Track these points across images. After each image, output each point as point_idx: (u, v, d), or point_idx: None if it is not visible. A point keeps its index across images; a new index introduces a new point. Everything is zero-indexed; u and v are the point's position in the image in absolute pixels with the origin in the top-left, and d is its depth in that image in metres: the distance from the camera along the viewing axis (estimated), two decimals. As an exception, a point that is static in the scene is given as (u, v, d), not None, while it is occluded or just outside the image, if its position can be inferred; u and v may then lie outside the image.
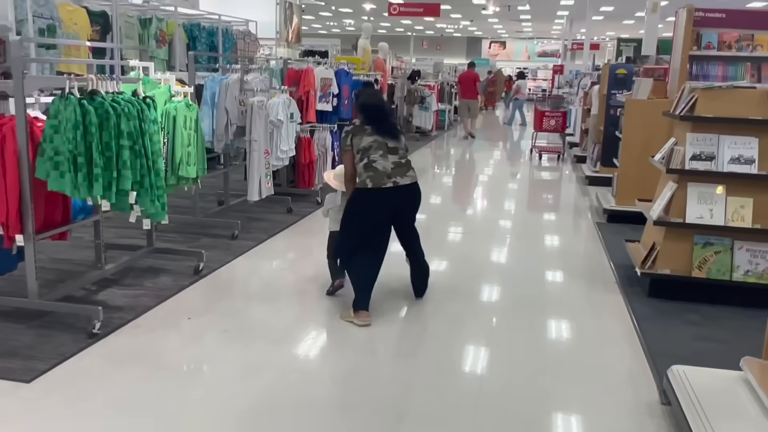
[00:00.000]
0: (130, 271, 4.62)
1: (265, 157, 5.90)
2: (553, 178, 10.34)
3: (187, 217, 5.95)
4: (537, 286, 4.79)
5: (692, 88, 4.44)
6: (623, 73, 8.03)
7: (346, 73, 8.24)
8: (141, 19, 7.58)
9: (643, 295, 4.42)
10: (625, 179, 6.48)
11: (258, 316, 4.05)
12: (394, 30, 40.14)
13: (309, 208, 6.90)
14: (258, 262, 5.15)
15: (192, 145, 4.60)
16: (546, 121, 11.69)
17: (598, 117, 8.96)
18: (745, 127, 4.19)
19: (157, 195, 3.89)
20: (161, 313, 3.97)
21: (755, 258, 4.16)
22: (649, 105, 6.36)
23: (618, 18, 28.07)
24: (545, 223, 7.04)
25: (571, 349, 3.72)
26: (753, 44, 6.08)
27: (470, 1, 24.41)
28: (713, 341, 3.72)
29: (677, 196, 4.27)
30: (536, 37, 42.07)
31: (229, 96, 5.77)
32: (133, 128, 3.63)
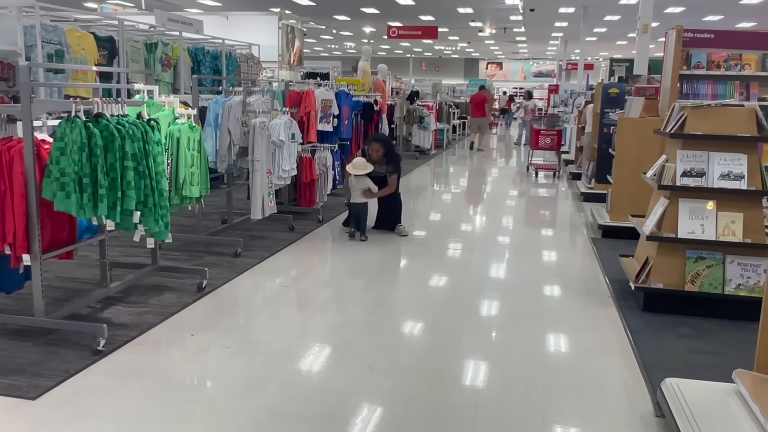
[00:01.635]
0: (134, 289, 4.70)
1: (267, 176, 6.01)
2: (550, 195, 10.45)
3: (190, 236, 6.05)
4: (534, 301, 4.88)
5: (682, 106, 4.56)
6: (616, 92, 8.18)
7: (347, 95, 8.39)
8: (147, 44, 7.74)
9: (637, 308, 4.50)
10: (619, 195, 6.60)
11: (260, 333, 4.13)
12: (394, 52, 40.57)
13: (311, 225, 7.01)
14: (260, 280, 5.24)
15: (195, 166, 4.71)
16: (542, 139, 11.84)
17: (592, 135, 9.10)
18: (733, 144, 4.30)
19: (161, 214, 3.99)
20: (165, 330, 4.06)
21: (746, 272, 4.25)
22: (641, 123, 6.49)
23: (611, 39, 28.46)
24: (542, 239, 7.14)
25: (568, 362, 3.79)
26: (741, 63, 6.22)
27: (467, 24, 24.78)
28: (706, 354, 3.80)
29: (669, 211, 4.37)
30: (532, 58, 42.53)
31: (232, 117, 5.90)
32: (137, 150, 3.74)
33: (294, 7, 20.59)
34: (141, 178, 3.78)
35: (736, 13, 20.05)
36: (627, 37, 26.74)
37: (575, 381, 3.51)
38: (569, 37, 27.43)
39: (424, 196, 10.21)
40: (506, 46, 35.04)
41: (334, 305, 4.76)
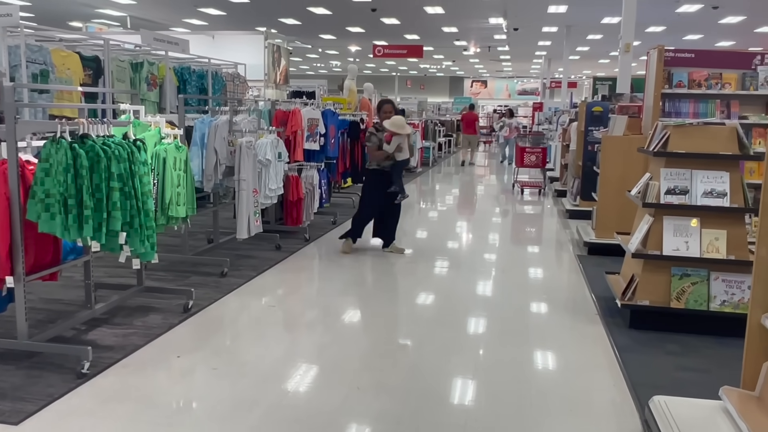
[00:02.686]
0: (120, 311, 4.66)
1: (253, 195, 6.00)
2: (535, 212, 10.52)
3: (176, 256, 6.01)
4: (522, 319, 4.88)
5: (665, 125, 4.62)
6: (599, 111, 8.27)
7: (333, 113, 8.42)
8: (132, 63, 7.73)
9: (624, 326, 4.53)
10: (604, 213, 6.65)
11: (247, 354, 4.09)
12: (379, 70, 40.84)
13: (297, 244, 6.99)
14: (247, 299, 5.21)
15: (181, 186, 4.69)
16: (527, 157, 11.94)
17: (576, 152, 9.19)
18: (716, 162, 4.37)
19: (147, 235, 3.97)
20: (150, 351, 4.01)
21: (731, 288, 4.29)
22: (624, 141, 6.57)
23: (593, 57, 28.89)
24: (529, 256, 7.17)
25: (556, 380, 3.80)
26: (721, 82, 6.32)
27: (452, 43, 25.04)
28: (693, 371, 3.82)
29: (654, 229, 4.41)
30: (516, 76, 42.99)
31: (218, 137, 5.89)
32: (123, 170, 3.72)
33: (280, 26, 20.70)
34: (127, 199, 3.76)
35: (715, 33, 20.44)
36: (609, 55, 27.15)
37: (564, 399, 3.51)
38: (553, 56, 27.79)
39: (411, 213, 10.22)
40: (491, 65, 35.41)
41: (322, 325, 4.73)
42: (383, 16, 19.04)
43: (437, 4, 17.10)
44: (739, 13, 17.22)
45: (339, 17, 19.33)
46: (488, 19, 19.24)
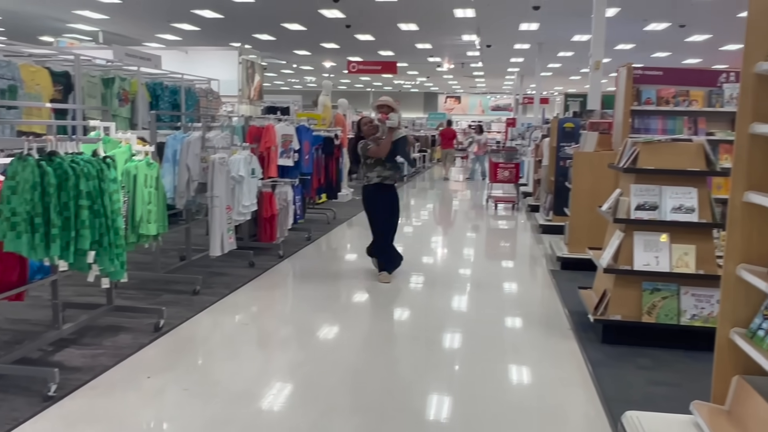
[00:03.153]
0: (88, 330, 4.56)
1: (226, 212, 5.95)
2: (509, 227, 10.59)
3: (148, 273, 5.92)
4: (496, 334, 4.89)
5: (634, 142, 4.70)
6: (571, 127, 8.39)
7: (307, 129, 8.42)
8: (104, 79, 7.64)
9: (596, 340, 4.56)
10: (576, 228, 6.73)
11: (220, 373, 4.03)
12: (354, 86, 41.00)
13: (271, 261, 6.93)
14: (219, 318, 5.14)
15: (153, 203, 4.63)
16: (500, 172, 12.04)
17: (549, 168, 9.29)
18: (684, 178, 4.44)
19: (116, 254, 3.90)
20: (120, 372, 3.93)
21: (700, 302, 4.35)
22: (595, 157, 6.66)
23: (565, 74, 29.36)
24: (503, 271, 7.20)
25: (530, 396, 3.80)
26: (689, 99, 6.46)
27: (426, 59, 25.25)
28: (665, 385, 3.85)
29: (624, 244, 4.47)
30: (489, 92, 43.47)
31: (191, 153, 5.84)
32: (92, 188, 3.66)
33: (254, 42, 20.69)
34: (96, 217, 3.70)
35: (682, 50, 20.92)
36: (580, 72, 27.61)
37: (538, 415, 3.52)
38: (525, 72, 28.18)
39: (385, 229, 10.22)
40: (464, 81, 35.77)
41: (296, 342, 4.69)
42: (358, 32, 19.15)
43: (411, 21, 17.25)
44: (704, 32, 17.67)
45: (313, 33, 19.39)
46: (461, 36, 19.46)
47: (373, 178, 6.20)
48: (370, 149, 6.13)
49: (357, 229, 9.79)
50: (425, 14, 16.16)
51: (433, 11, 15.71)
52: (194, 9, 15.94)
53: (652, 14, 15.51)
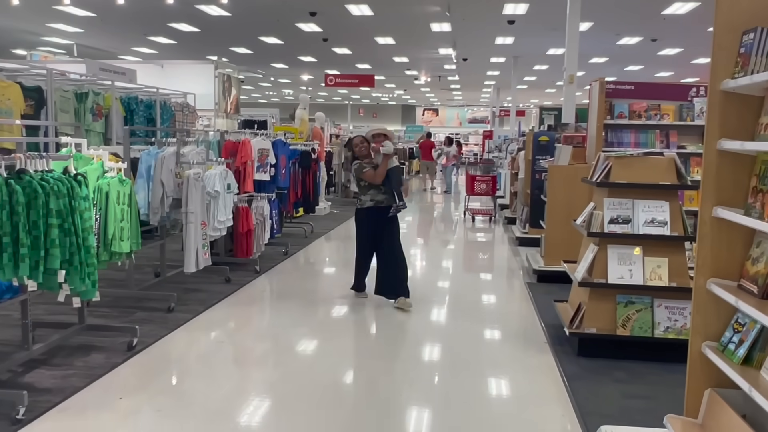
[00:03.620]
0: (59, 351, 4.47)
1: (202, 228, 5.89)
2: (487, 240, 10.65)
3: (121, 291, 5.84)
4: (474, 349, 4.89)
5: (607, 156, 4.75)
6: (546, 140, 8.48)
7: (283, 143, 8.40)
8: (77, 93, 7.55)
9: (572, 353, 4.58)
10: (552, 241, 6.78)
11: (194, 392, 3.97)
12: (332, 99, 41.06)
13: (248, 276, 6.88)
14: (195, 335, 5.08)
15: (125, 220, 4.58)
16: (477, 185, 12.12)
17: (525, 181, 9.37)
18: (656, 192, 4.50)
19: (88, 272, 3.84)
20: (92, 393, 3.86)
21: (673, 315, 4.40)
22: (570, 170, 6.73)
23: (540, 87, 29.71)
24: (480, 284, 7.23)
25: (507, 411, 3.81)
26: (660, 113, 6.56)
27: (403, 72, 25.39)
28: (639, 398, 3.88)
29: (599, 257, 4.51)
30: (466, 105, 43.80)
31: (165, 169, 5.78)
32: (62, 206, 3.60)
33: (231, 55, 20.63)
34: (66, 236, 3.64)
35: (654, 64, 21.27)
36: (555, 85, 27.94)
37: (515, 430, 3.51)
38: (501, 85, 28.44)
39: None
40: (441, 93, 36.00)
41: (273, 359, 4.65)
42: (335, 45, 19.20)
43: (388, 34, 17.34)
44: (676, 46, 17.99)
45: (291, 47, 19.39)
46: (438, 50, 19.60)
47: (366, 201, 5.92)
48: (365, 172, 5.88)
49: (335, 242, 9.77)
50: (402, 28, 16.26)
51: (410, 25, 15.82)
52: (170, 22, 15.86)
53: (625, 29, 15.78)
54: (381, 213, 5.87)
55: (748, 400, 2.49)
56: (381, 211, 5.87)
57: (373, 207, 5.90)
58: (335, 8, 13.91)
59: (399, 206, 5.83)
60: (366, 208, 5.94)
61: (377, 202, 5.88)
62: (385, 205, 5.87)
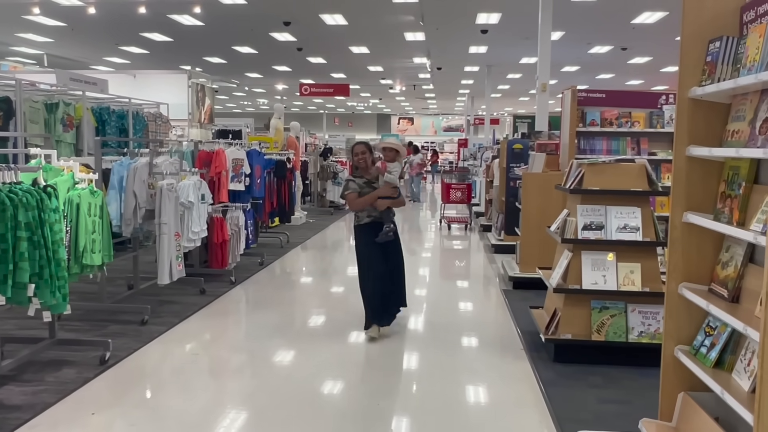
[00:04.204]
0: (29, 366, 4.37)
1: (175, 239, 5.83)
2: (463, 247, 10.69)
3: (93, 304, 5.74)
4: (451, 356, 4.89)
5: (579, 163, 4.81)
6: (519, 148, 8.56)
7: (258, 153, 8.36)
8: (47, 104, 7.44)
9: (548, 359, 4.61)
10: (527, 247, 6.83)
11: (169, 406, 3.91)
12: (307, 108, 41.00)
13: (223, 288, 6.81)
14: (169, 348, 5.01)
15: (97, 232, 4.51)
16: (453, 193, 12.17)
17: (499, 188, 9.43)
18: (627, 198, 4.56)
19: (58, 286, 3.77)
20: (63, 409, 3.77)
21: (647, 319, 4.45)
22: (543, 178, 6.79)
23: (514, 95, 30.03)
24: (457, 292, 7.25)
25: (485, 417, 3.81)
26: (631, 120, 6.66)
27: (378, 81, 25.46)
28: (615, 402, 3.91)
29: (573, 263, 4.55)
30: (441, 113, 44.05)
31: (138, 180, 5.71)
32: (31, 219, 3.54)
33: (205, 64, 20.53)
34: (36, 249, 3.57)
35: (625, 72, 21.65)
36: (529, 93, 28.25)
37: (492, 438, 3.52)
38: (475, 94, 28.68)
39: (340, 251, 10.19)
40: (416, 102, 36.18)
41: (249, 371, 4.60)
42: (309, 55, 19.20)
43: (362, 44, 17.40)
44: (646, 55, 18.33)
45: (265, 56, 19.35)
46: (412, 59, 19.71)
47: (363, 217, 5.33)
48: (347, 195, 5.31)
49: (311, 252, 9.73)
50: (376, 37, 16.34)
51: (384, 35, 15.90)
52: (143, 32, 15.73)
53: (595, 38, 16.04)
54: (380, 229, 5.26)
55: (720, 403, 2.53)
56: (380, 227, 5.28)
57: (370, 223, 5.30)
58: (309, 18, 13.93)
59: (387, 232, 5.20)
60: (363, 225, 5.34)
61: (374, 217, 5.29)
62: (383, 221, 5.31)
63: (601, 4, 12.22)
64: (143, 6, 12.56)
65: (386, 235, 5.21)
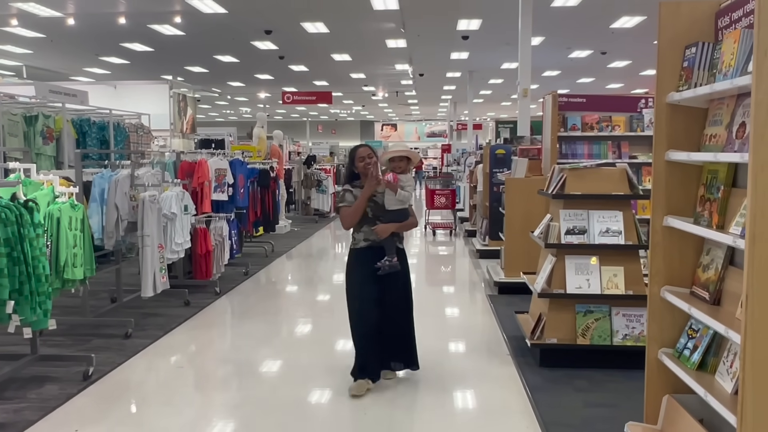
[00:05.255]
0: (11, 383, 4.31)
1: (159, 251, 5.78)
2: (448, 253, 10.71)
3: (76, 318, 5.68)
4: (437, 363, 4.87)
5: (561, 168, 4.84)
6: (502, 153, 8.60)
7: (241, 163, 8.33)
8: (26, 117, 7.36)
9: (534, 364, 4.62)
10: (511, 252, 6.86)
11: (154, 421, 3.87)
12: (290, 116, 40.95)
13: (207, 299, 6.76)
14: (153, 361, 4.96)
15: (78, 246, 4.46)
16: (437, 199, 12.21)
17: (483, 194, 9.47)
18: (609, 202, 4.60)
19: (39, 302, 3.72)
20: (45, 427, 3.72)
21: (631, 322, 4.48)
22: (526, 183, 6.83)
23: (496, 100, 30.23)
24: (443, 297, 7.25)
25: (471, 423, 3.81)
26: (611, 125, 6.73)
27: (361, 88, 25.50)
28: (601, 406, 3.93)
29: (557, 268, 4.57)
30: (424, 119, 44.23)
31: (119, 192, 5.66)
32: (10, 234, 3.49)
33: (187, 74, 20.44)
34: (15, 265, 3.52)
35: (605, 76, 21.86)
36: (511, 98, 28.44)
37: (480, 445, 3.52)
38: (458, 99, 28.82)
39: (325, 259, 10.17)
40: (399, 109, 36.27)
41: (235, 383, 4.57)
42: (291, 63, 19.19)
43: (344, 51, 17.42)
44: (624, 59, 18.53)
45: (247, 65, 19.31)
46: (395, 66, 19.76)
47: (359, 240, 4.19)
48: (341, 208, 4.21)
49: (296, 261, 9.70)
50: (358, 45, 16.37)
51: (366, 42, 15.93)
52: (123, 42, 15.64)
53: (575, 42, 16.19)
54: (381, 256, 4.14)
55: (704, 405, 2.55)
56: (377, 252, 4.15)
57: (367, 248, 4.17)
58: (291, 26, 13.93)
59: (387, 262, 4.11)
60: (360, 250, 4.19)
61: (373, 242, 4.15)
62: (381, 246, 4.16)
63: (581, 9, 12.34)
64: (123, 17, 12.50)
65: (389, 266, 4.11)
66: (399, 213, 4.20)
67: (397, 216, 4.18)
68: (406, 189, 4.18)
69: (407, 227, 4.33)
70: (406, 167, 4.26)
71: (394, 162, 4.24)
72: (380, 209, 4.16)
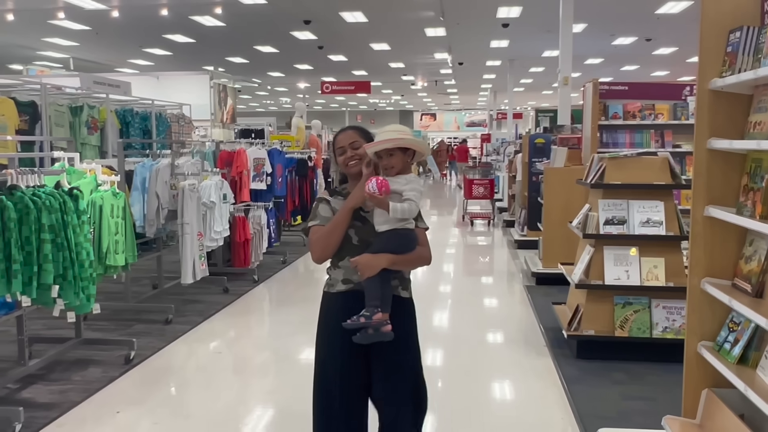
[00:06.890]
0: (56, 365, 4.46)
1: (198, 239, 5.89)
2: (486, 243, 10.63)
3: (119, 304, 5.83)
4: (474, 353, 4.87)
5: (600, 157, 4.75)
6: (542, 142, 8.47)
7: (279, 152, 8.40)
8: (72, 107, 7.55)
9: (571, 356, 4.56)
10: (549, 243, 6.76)
11: (194, 404, 3.96)
12: (329, 106, 41.11)
13: (246, 286, 6.86)
14: (193, 347, 5.06)
15: (120, 233, 4.57)
16: (475, 188, 12.11)
17: (522, 183, 9.36)
18: (650, 192, 4.49)
19: (82, 287, 3.82)
20: (89, 408, 3.84)
21: (671, 315, 4.38)
22: (565, 172, 6.72)
23: (536, 89, 29.75)
24: (481, 288, 7.21)
25: (507, 414, 3.79)
26: (654, 113, 6.56)
27: (400, 78, 25.40)
28: (639, 399, 3.86)
29: (595, 259, 4.49)
30: (464, 109, 43.84)
31: (160, 181, 5.78)
32: (54, 221, 3.59)
33: (227, 64, 20.67)
34: (59, 251, 3.63)
35: (650, 63, 21.29)
36: (552, 86, 27.96)
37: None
38: (498, 88, 28.47)
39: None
40: (439, 98, 36.03)
41: (273, 369, 4.64)
42: (330, 53, 19.23)
43: (383, 40, 17.37)
44: (671, 45, 18.01)
45: (286, 55, 19.42)
46: (434, 55, 19.62)
47: (337, 281, 2.66)
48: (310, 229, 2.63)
49: (333, 250, 9.74)
50: (396, 34, 16.29)
51: (404, 31, 15.84)
52: (165, 34, 15.89)
53: (619, 29, 15.79)
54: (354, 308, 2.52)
55: (745, 400, 2.48)
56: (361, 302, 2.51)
57: (348, 293, 2.60)
58: (329, 16, 13.93)
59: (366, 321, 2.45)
60: (334, 296, 2.68)
61: (357, 284, 2.54)
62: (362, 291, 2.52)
63: (624, -5, 12.04)
64: (166, 8, 12.70)
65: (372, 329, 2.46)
66: (396, 237, 2.51)
67: (392, 242, 2.50)
68: (406, 198, 2.50)
69: (410, 262, 2.65)
70: (405, 164, 2.56)
71: (385, 158, 2.52)
72: (371, 232, 2.53)
